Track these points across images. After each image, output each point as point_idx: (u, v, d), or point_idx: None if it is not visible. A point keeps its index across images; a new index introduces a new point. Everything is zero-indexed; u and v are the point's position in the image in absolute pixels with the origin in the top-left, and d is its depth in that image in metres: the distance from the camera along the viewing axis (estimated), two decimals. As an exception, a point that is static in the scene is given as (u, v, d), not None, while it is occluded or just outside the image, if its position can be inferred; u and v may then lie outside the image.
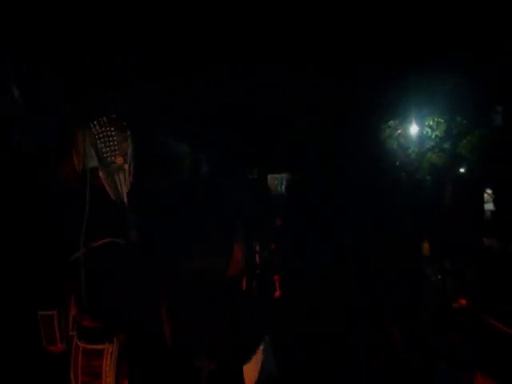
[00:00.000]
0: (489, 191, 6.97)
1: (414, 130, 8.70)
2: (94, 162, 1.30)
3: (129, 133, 1.37)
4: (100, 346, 1.26)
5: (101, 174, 1.31)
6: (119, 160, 1.33)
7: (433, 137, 8.47)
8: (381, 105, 8.31)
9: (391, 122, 9.30)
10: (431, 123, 8.33)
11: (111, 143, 1.31)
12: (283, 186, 12.37)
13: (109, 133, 1.30)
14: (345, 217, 4.59)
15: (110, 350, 1.25)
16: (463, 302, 3.96)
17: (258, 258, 4.29)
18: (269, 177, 13.47)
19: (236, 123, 9.67)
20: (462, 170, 8.62)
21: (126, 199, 1.37)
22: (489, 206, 7.48)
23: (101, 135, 1.30)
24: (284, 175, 12.45)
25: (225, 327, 1.28)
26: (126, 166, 1.37)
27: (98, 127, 1.31)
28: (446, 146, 8.44)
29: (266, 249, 4.36)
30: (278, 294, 4.26)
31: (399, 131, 9.04)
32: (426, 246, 4.44)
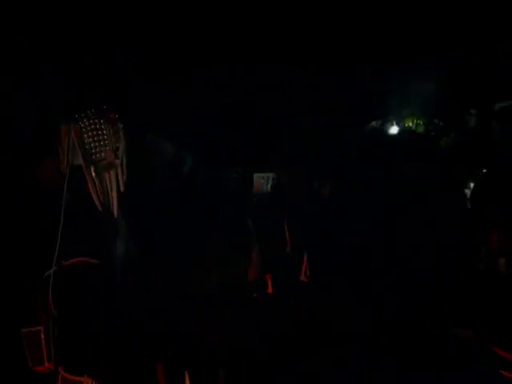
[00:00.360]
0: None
1: (394, 131, 9.06)
2: (79, 159, 1.16)
3: (120, 125, 1.24)
4: (79, 379, 1.12)
5: (87, 172, 1.15)
6: (109, 156, 1.18)
7: (412, 138, 8.85)
8: (364, 106, 8.59)
9: (373, 123, 9.65)
10: (411, 124, 8.71)
11: (100, 137, 1.17)
12: (269, 186, 12.49)
13: (97, 126, 1.17)
14: (332, 216, 4.72)
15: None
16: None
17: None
18: (254, 176, 13.57)
19: (223, 122, 9.69)
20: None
21: (115, 206, 1.21)
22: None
23: (88, 128, 1.16)
24: (270, 175, 12.59)
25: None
26: (118, 163, 1.23)
27: (85, 120, 1.17)
28: (425, 146, 8.85)
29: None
30: (270, 290, 4.34)
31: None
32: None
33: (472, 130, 8.37)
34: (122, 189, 1.24)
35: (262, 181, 14.73)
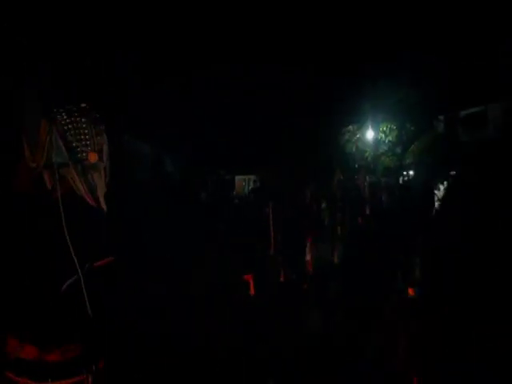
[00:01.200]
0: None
1: (370, 135, 9.49)
2: (62, 158, 1.05)
3: (103, 127, 1.16)
4: (74, 379, 1.02)
5: (71, 172, 1.06)
6: (92, 157, 1.08)
7: (386, 141, 9.33)
8: (341, 111, 8.93)
9: (350, 127, 10.04)
10: (385, 129, 9.16)
11: (82, 136, 1.08)
12: (250, 188, 12.60)
13: (79, 124, 1.07)
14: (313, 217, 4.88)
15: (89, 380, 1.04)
16: (411, 291, 4.51)
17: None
18: (236, 178, 13.64)
19: (207, 125, 9.69)
20: (411, 173, 9.60)
21: (103, 204, 1.14)
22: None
23: (70, 126, 1.07)
24: (252, 177, 12.68)
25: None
26: (102, 165, 1.13)
27: (65, 116, 1.07)
28: (398, 150, 9.35)
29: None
30: (252, 292, 4.36)
31: (358, 136, 9.80)
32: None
33: (440, 135, 8.96)
34: (104, 189, 1.15)
35: (244, 183, 14.82)
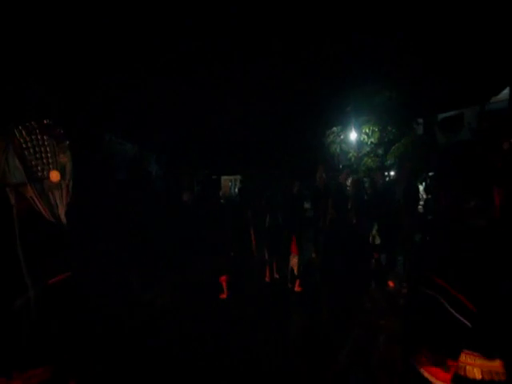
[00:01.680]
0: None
1: (353, 136, 9.73)
2: (19, 177, 1.01)
3: (67, 143, 1.11)
4: None
5: (29, 191, 1.03)
6: (54, 176, 1.05)
7: (368, 143, 9.59)
8: (326, 113, 9.12)
9: (334, 129, 10.27)
10: (367, 131, 9.40)
11: (43, 154, 1.04)
12: (236, 188, 12.64)
13: (40, 142, 1.03)
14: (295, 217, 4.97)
15: None
16: (391, 283, 4.70)
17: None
18: (222, 178, 13.64)
19: (193, 124, 9.65)
20: (392, 173, 9.91)
21: (64, 220, 1.10)
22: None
23: (29, 144, 1.02)
24: (238, 177, 12.71)
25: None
26: (64, 184, 1.09)
27: (24, 133, 1.03)
28: (380, 151, 9.64)
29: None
30: (224, 295, 4.29)
31: (342, 137, 10.03)
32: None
33: (419, 137, 9.31)
34: (65, 209, 1.12)
35: (230, 183, 14.83)
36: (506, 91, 7.15)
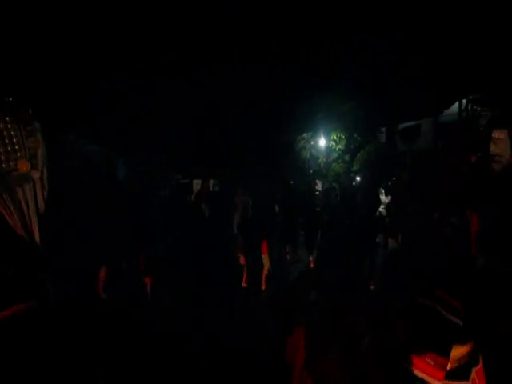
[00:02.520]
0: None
1: (322, 142, 10.21)
2: None
3: (37, 125, 0.88)
4: None
5: None
6: (23, 165, 0.86)
7: (336, 149, 10.12)
8: (296, 120, 9.47)
9: (305, 135, 10.69)
10: (335, 138, 9.93)
11: (7, 140, 0.83)
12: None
13: (1, 125, 0.83)
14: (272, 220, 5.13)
15: None
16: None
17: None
18: (194, 182, 13.50)
19: (163, 125, 9.49)
20: (358, 178, 10.51)
21: (36, 229, 0.84)
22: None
23: None
24: (210, 181, 12.68)
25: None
26: (36, 175, 0.89)
27: None
28: (347, 157, 10.21)
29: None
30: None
31: (312, 143, 10.48)
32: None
33: (382, 144, 10.02)
34: (41, 208, 0.87)
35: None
36: (456, 105, 7.99)
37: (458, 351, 1.10)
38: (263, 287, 4.64)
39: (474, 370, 1.13)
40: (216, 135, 11.38)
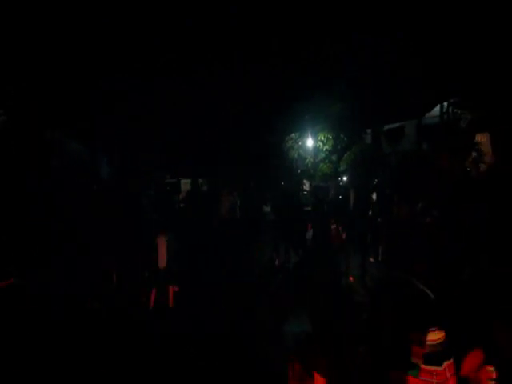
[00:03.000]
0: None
1: (310, 143, 10.33)
2: None
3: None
4: None
5: None
6: None
7: (324, 150, 10.26)
8: (285, 120, 9.58)
9: (293, 135, 10.79)
10: (322, 138, 10.06)
11: None
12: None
13: None
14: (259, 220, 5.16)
15: None
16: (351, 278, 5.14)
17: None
18: (182, 181, 13.39)
19: (150, 124, 9.38)
20: (344, 179, 10.71)
21: None
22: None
23: None
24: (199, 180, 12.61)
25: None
26: None
27: None
28: (334, 158, 10.37)
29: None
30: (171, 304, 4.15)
31: (299, 143, 10.58)
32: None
33: (367, 145, 10.24)
34: None
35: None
36: (437, 108, 8.30)
37: (434, 336, 1.19)
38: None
39: (445, 363, 1.22)
40: (206, 135, 11.35)
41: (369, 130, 11.61)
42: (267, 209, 7.27)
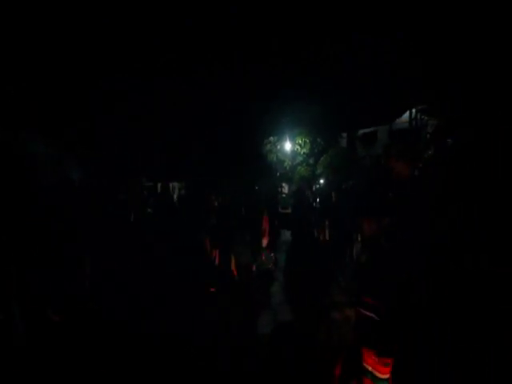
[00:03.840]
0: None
1: (288, 146, 10.54)
2: None
3: None
4: None
5: None
6: None
7: (301, 153, 10.50)
8: (263, 124, 9.70)
9: (271, 138, 10.96)
10: (300, 142, 10.30)
11: None
12: (175, 195, 12.33)
13: None
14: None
15: None
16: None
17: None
18: (159, 185, 13.14)
19: (124, 126, 9.16)
20: (321, 181, 11.00)
21: None
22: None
23: None
24: (176, 184, 12.45)
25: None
26: None
27: None
28: (311, 161, 10.64)
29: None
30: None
31: (278, 147, 10.77)
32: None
33: (343, 149, 10.61)
34: None
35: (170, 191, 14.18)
36: (407, 114, 8.77)
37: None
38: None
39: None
40: (184, 138, 11.22)
41: (344, 134, 12.02)
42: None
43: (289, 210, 6.33)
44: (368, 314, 1.31)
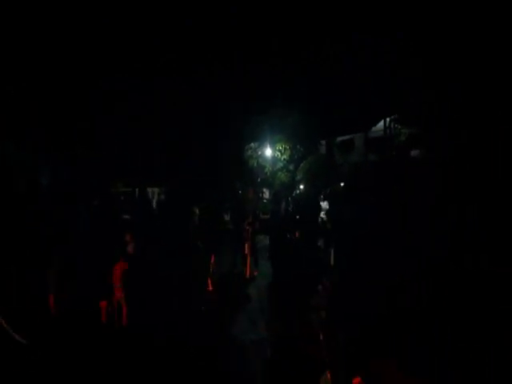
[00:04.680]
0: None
1: (268, 152, 10.68)
2: None
3: None
4: None
5: None
6: None
7: (282, 159, 10.68)
8: (244, 131, 9.79)
9: (252, 145, 11.06)
10: (280, 148, 10.48)
11: None
12: (154, 200, 12.08)
13: None
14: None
15: None
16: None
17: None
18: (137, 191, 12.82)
19: (101, 129, 8.92)
20: (301, 187, 11.20)
21: None
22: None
23: None
24: (155, 189, 12.20)
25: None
26: None
27: None
28: (291, 167, 10.83)
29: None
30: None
31: (259, 153, 10.88)
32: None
33: (321, 156, 10.90)
34: None
35: (150, 196, 13.93)
36: (381, 123, 9.19)
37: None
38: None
39: None
40: (164, 144, 11.08)
41: (323, 142, 12.35)
42: (227, 217, 7.29)
43: (268, 216, 6.39)
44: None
